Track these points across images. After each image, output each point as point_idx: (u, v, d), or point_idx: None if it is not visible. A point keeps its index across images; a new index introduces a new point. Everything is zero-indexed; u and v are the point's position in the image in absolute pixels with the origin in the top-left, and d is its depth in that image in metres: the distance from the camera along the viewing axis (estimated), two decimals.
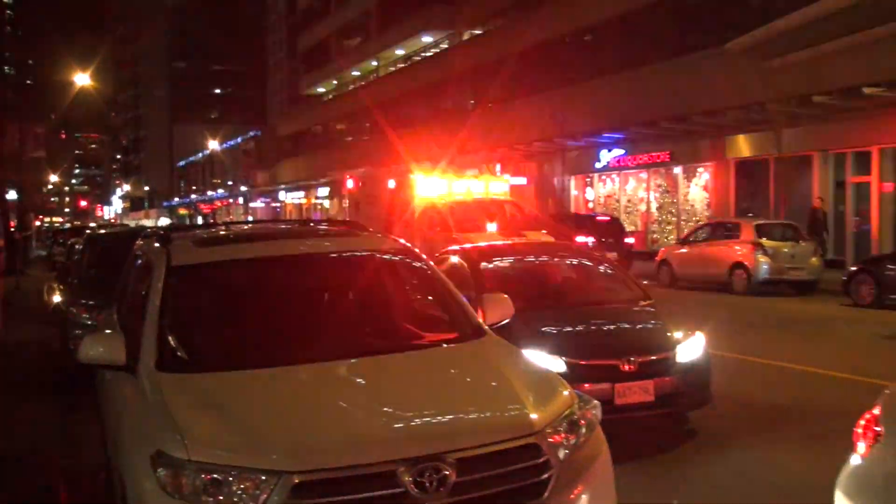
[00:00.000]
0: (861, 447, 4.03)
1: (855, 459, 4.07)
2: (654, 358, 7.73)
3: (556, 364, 7.33)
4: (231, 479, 3.75)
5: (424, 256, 6.22)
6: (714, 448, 7.74)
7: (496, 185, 24.58)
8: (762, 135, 28.60)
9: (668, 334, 8.15)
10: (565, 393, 4.55)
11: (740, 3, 29.37)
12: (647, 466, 7.09)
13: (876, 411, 4.05)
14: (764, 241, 20.82)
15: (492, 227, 19.52)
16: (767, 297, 19.94)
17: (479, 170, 34.39)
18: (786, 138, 27.07)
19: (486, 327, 5.34)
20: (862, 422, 4.08)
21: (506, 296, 5.88)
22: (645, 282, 11.76)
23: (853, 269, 19.13)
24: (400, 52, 58.41)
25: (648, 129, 32.54)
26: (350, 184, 28.70)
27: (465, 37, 49.68)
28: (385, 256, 6.10)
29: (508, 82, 41.99)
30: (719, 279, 21.52)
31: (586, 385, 7.08)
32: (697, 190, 33.53)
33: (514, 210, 22.12)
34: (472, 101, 48.28)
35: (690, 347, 7.99)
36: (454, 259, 9.71)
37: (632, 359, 7.58)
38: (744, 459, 7.38)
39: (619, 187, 37.99)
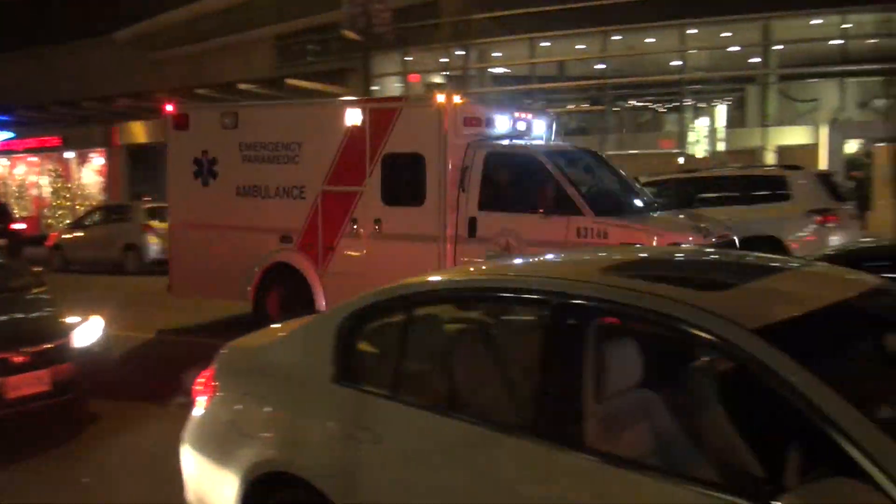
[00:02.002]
0: (201, 401, 4.34)
1: (197, 413, 4.37)
2: (47, 346, 7.21)
3: None
4: None
5: None
6: (116, 428, 7.56)
7: (539, 124, 11.77)
8: (155, 122, 28.74)
9: (62, 320, 7.68)
10: None
11: None
12: (48, 458, 6.71)
13: (213, 368, 4.40)
14: (154, 222, 21.04)
15: (639, 204, 10.45)
16: (160, 276, 20.15)
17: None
18: None
19: None
20: (201, 379, 4.39)
21: None
22: (38, 268, 10.89)
23: None
24: None
25: (38, 113, 30.51)
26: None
27: None
28: None
29: None
30: (113, 260, 21.24)
31: None
32: (92, 174, 32.48)
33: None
34: None
35: (87, 332, 7.64)
36: None
37: (23, 349, 6.98)
38: (142, 434, 7.36)
39: (9, 171, 35.11)
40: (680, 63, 26.21)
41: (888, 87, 20.12)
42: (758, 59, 25.23)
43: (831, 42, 24.46)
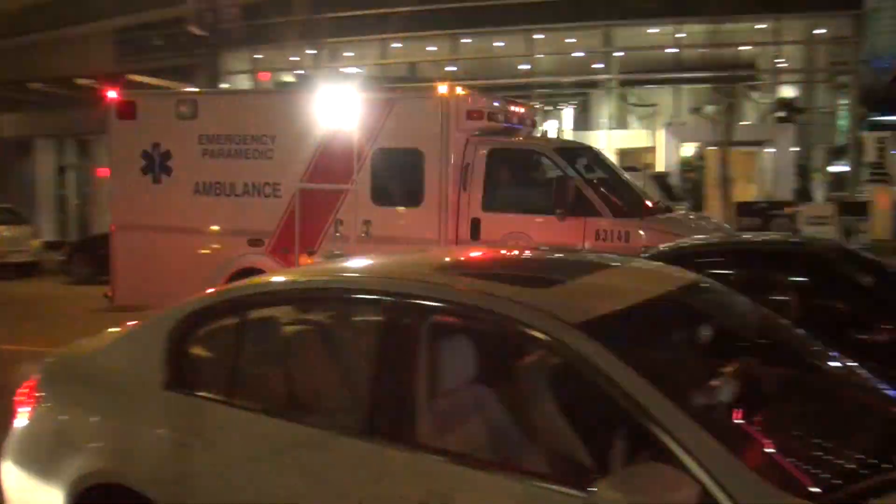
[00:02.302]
0: (24, 413, 4.11)
1: (20, 425, 4.13)
2: None
3: None
4: None
5: None
6: None
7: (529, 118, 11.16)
8: None
9: None
10: None
11: None
12: None
13: (36, 377, 4.17)
14: None
15: (649, 204, 9.86)
16: None
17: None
18: (5, 122, 26.10)
19: None
20: (25, 389, 4.16)
21: None
22: None
23: (71, 249, 19.49)
24: None
25: None
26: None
27: None
28: None
29: None
30: None
31: None
32: None
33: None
34: None
35: None
36: None
37: None
38: None
39: None
40: (528, 67, 26.91)
41: (716, 95, 21.37)
42: (600, 65, 26.23)
43: (667, 50, 25.75)
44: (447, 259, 3.88)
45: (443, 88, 9.42)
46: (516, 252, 4.53)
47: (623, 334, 3.03)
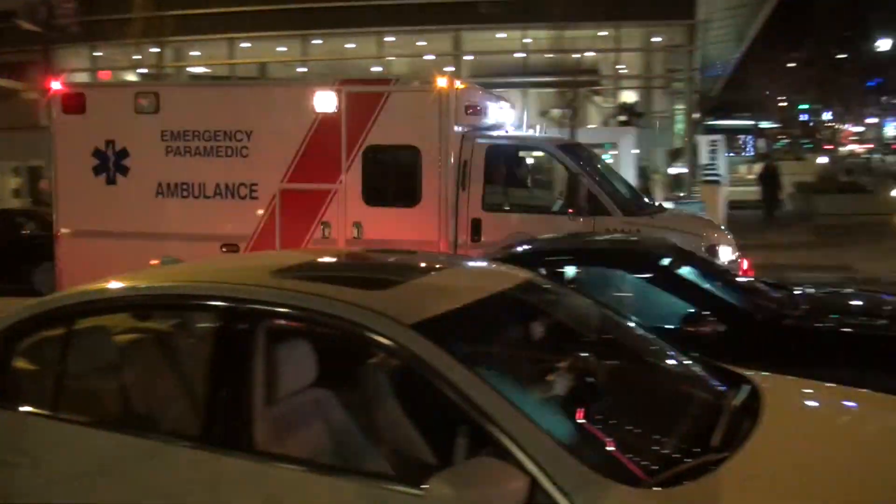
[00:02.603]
0: None
1: None
2: None
3: None
4: None
5: None
6: None
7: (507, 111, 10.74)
8: None
9: None
10: None
11: None
12: None
13: None
14: None
15: (647, 201, 10.04)
16: None
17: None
18: None
19: None
20: None
21: None
22: None
23: None
24: None
25: None
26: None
27: None
28: None
29: None
30: None
31: None
32: None
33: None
34: None
35: None
36: None
37: None
38: None
39: None
40: (379, 69, 27.00)
41: (561, 99, 22.11)
42: (451, 69, 26.65)
43: (515, 55, 26.42)
44: (285, 262, 3.84)
45: (442, 81, 8.96)
46: (354, 254, 4.53)
47: (458, 333, 3.09)
